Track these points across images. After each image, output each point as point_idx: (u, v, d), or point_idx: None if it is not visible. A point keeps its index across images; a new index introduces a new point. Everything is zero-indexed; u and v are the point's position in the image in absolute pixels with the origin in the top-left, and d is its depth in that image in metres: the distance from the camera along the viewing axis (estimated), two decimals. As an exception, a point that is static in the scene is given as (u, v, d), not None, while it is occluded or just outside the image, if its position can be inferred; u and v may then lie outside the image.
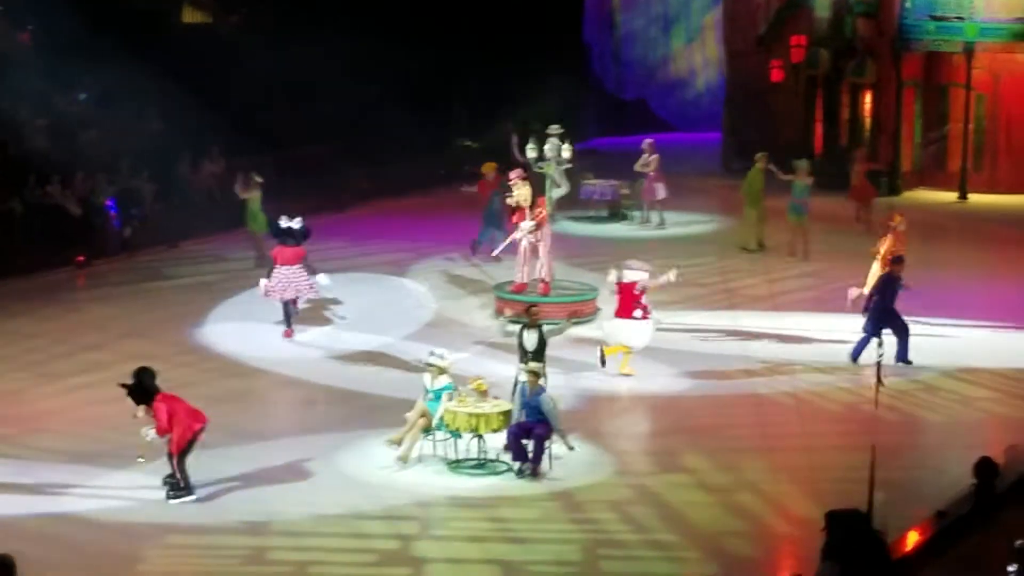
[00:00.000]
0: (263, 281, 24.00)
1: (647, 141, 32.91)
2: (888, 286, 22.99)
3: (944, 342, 24.29)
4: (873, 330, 22.30)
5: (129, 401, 17.07)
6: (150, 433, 16.98)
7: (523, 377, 18.58)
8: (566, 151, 25.36)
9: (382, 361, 22.96)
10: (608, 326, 22.53)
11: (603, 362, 22.09)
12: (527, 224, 24.95)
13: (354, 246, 31.16)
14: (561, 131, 25.32)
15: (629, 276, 22.28)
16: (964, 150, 36.06)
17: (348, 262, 29.45)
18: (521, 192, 25.01)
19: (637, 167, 32.69)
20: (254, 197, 28.75)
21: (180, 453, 16.98)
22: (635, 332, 22.17)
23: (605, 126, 41.40)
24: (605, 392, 21.76)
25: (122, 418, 17.91)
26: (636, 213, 33.19)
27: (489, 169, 29.85)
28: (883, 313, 22.72)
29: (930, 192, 36.14)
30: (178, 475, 17.05)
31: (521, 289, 25.02)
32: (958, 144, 36.33)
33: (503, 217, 28.94)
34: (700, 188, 34.15)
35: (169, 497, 17.07)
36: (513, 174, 25.52)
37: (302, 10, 35.78)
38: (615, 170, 34.08)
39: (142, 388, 17.04)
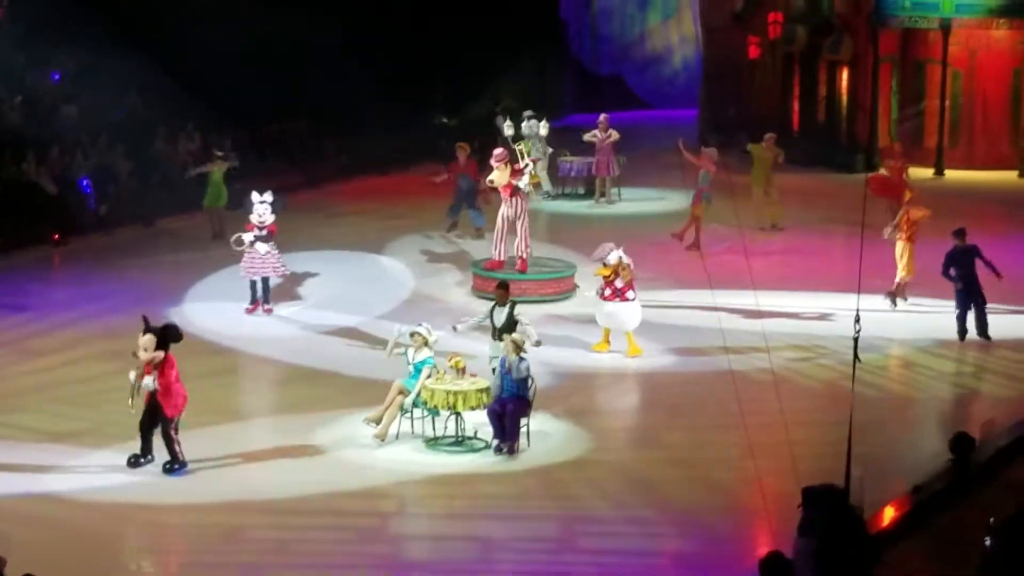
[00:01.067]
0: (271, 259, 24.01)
1: (603, 116, 32.87)
2: (957, 259, 23.01)
3: (922, 318, 24.35)
4: (964, 305, 22.72)
5: (142, 337, 16.95)
6: (151, 384, 16.96)
7: (502, 350, 18.56)
8: (543, 129, 25.37)
9: (359, 339, 22.93)
10: (607, 310, 22.32)
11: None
12: (496, 175, 24.90)
13: (330, 223, 31.10)
14: (536, 114, 25.33)
15: (611, 258, 22.22)
16: (941, 126, 36.12)
17: (324, 239, 29.40)
18: (500, 175, 24.96)
19: (586, 138, 32.57)
20: (217, 170, 28.86)
21: (174, 424, 17.04)
22: (632, 314, 22.17)
23: (582, 102, 41.32)
24: (583, 369, 21.76)
25: (101, 396, 17.86)
26: (615, 190, 33.17)
27: (461, 151, 29.74)
28: (968, 286, 22.80)
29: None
30: (177, 446, 17.09)
31: (496, 267, 24.98)
32: (934, 120, 36.39)
33: (474, 195, 28.97)
34: (675, 164, 34.01)
35: (166, 471, 17.08)
36: (496, 154, 25.42)
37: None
38: (590, 147, 34.00)
39: (164, 336, 17.06)
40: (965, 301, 22.94)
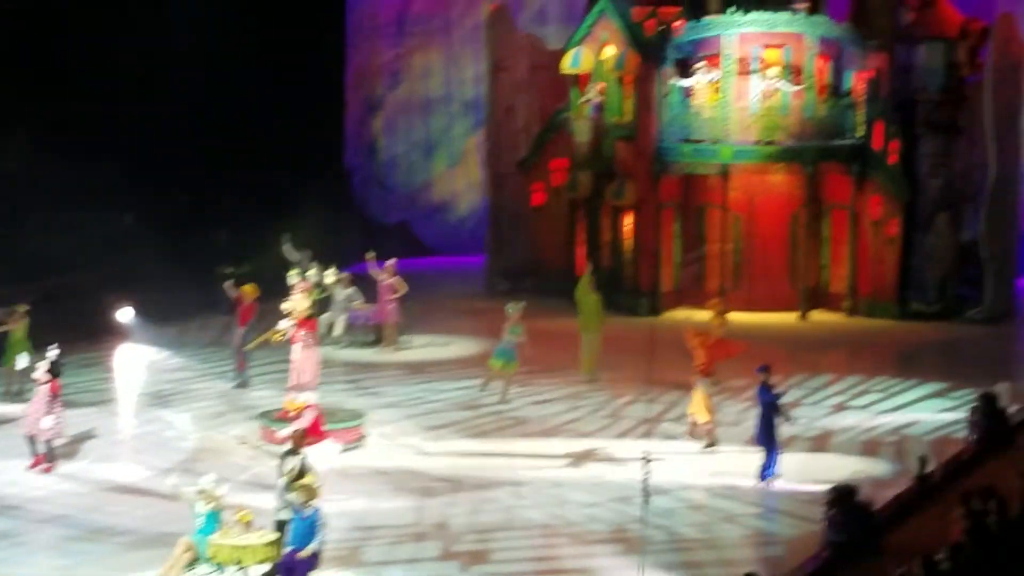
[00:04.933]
0: (49, 418, 23.42)
1: (391, 261, 32.97)
2: (764, 398, 23.40)
3: (709, 460, 24.56)
4: (767, 443, 23.01)
5: None
6: None
7: (297, 497, 18.28)
8: (331, 277, 25.37)
9: (144, 494, 22.40)
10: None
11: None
12: (285, 322, 24.72)
13: (113, 378, 30.51)
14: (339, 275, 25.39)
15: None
16: (722, 270, 36.74)
17: (106, 394, 28.81)
18: (300, 303, 24.79)
19: (370, 271, 32.67)
20: (18, 328, 28.12)
21: None
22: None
23: (368, 250, 41.24)
24: (372, 520, 21.53)
25: None
26: (406, 337, 33.07)
27: (248, 292, 29.44)
28: (767, 424, 23.17)
29: (690, 311, 36.66)
30: None
31: (285, 416, 24.66)
32: (716, 264, 37.02)
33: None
34: (464, 310, 34.22)
35: None
36: (301, 284, 25.20)
37: (62, 135, 35.11)
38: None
39: None
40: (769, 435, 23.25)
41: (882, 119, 36.18)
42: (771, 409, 23.39)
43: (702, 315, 27.98)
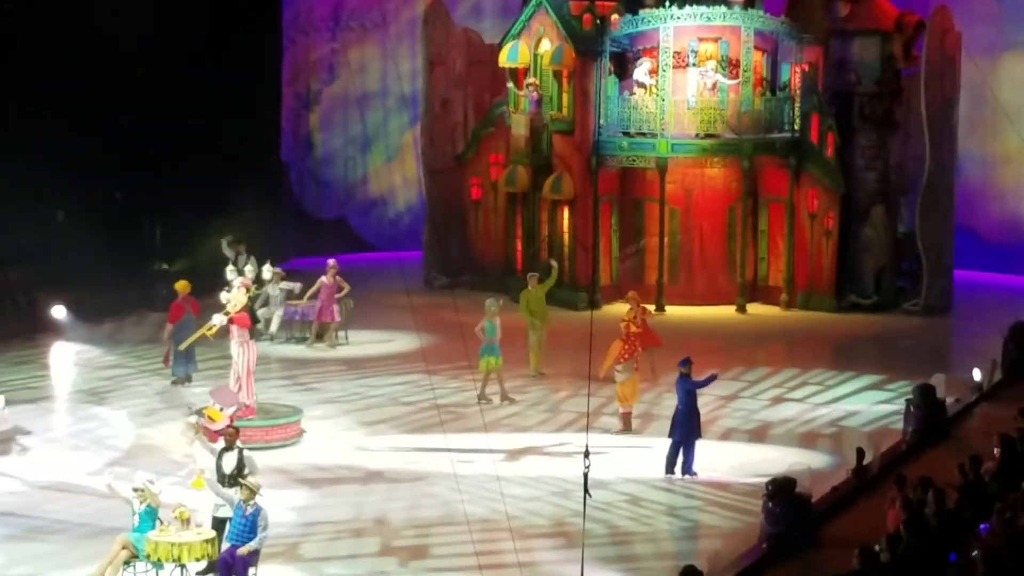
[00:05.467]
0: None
1: (331, 261, 32.82)
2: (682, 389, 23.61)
3: (649, 453, 24.59)
4: (682, 437, 23.23)
5: None
6: None
7: (240, 494, 18.19)
8: (267, 273, 25.28)
9: (79, 492, 22.22)
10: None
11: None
12: (219, 317, 24.59)
13: (47, 375, 30.26)
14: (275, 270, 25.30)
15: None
16: (660, 263, 36.79)
17: (40, 392, 28.57)
18: (237, 297, 24.65)
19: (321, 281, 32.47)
20: None
21: None
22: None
23: (304, 246, 41.10)
24: (311, 515, 21.44)
25: None
26: (339, 332, 32.91)
27: (182, 288, 29.21)
28: (684, 417, 23.34)
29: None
30: None
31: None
32: (654, 257, 37.06)
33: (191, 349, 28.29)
34: (402, 306, 34.07)
35: None
36: (240, 281, 25.05)
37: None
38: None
39: None
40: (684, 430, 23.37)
41: (818, 112, 36.33)
42: (691, 402, 23.48)
43: (624, 308, 28.05)
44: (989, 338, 29.98)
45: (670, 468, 23.48)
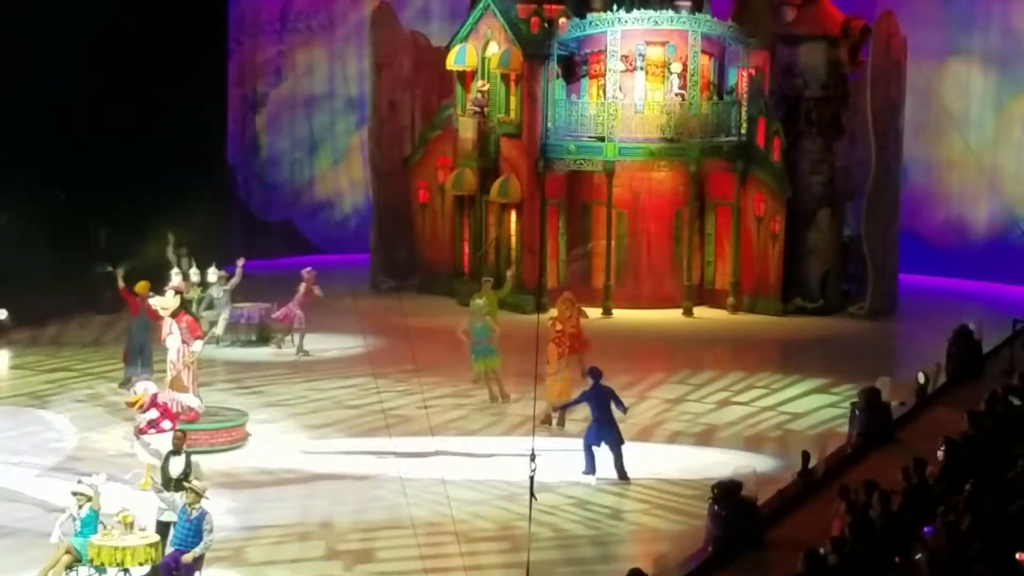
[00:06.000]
0: None
1: (307, 269, 32.69)
2: (597, 397, 23.74)
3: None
4: (614, 441, 23.38)
5: None
6: None
7: (185, 498, 18.09)
8: (212, 275, 25.22)
9: (23, 496, 22.05)
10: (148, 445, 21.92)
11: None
12: (198, 344, 24.56)
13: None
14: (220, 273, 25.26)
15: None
16: (607, 266, 36.82)
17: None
18: (167, 301, 24.53)
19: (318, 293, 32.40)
20: None
21: None
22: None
23: (251, 248, 40.92)
24: (256, 519, 21.34)
25: None
26: (287, 337, 32.75)
27: (142, 289, 28.91)
28: (599, 424, 23.46)
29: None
30: None
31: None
32: (601, 260, 37.08)
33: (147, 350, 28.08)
34: (348, 309, 34.00)
35: None
36: (174, 285, 24.94)
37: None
38: (262, 293, 33.65)
39: None
40: (597, 435, 23.51)
41: (765, 117, 36.47)
42: (603, 410, 23.65)
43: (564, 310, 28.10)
44: (933, 342, 30.12)
45: (623, 474, 23.46)
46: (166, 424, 21.92)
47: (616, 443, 23.55)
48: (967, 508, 16.89)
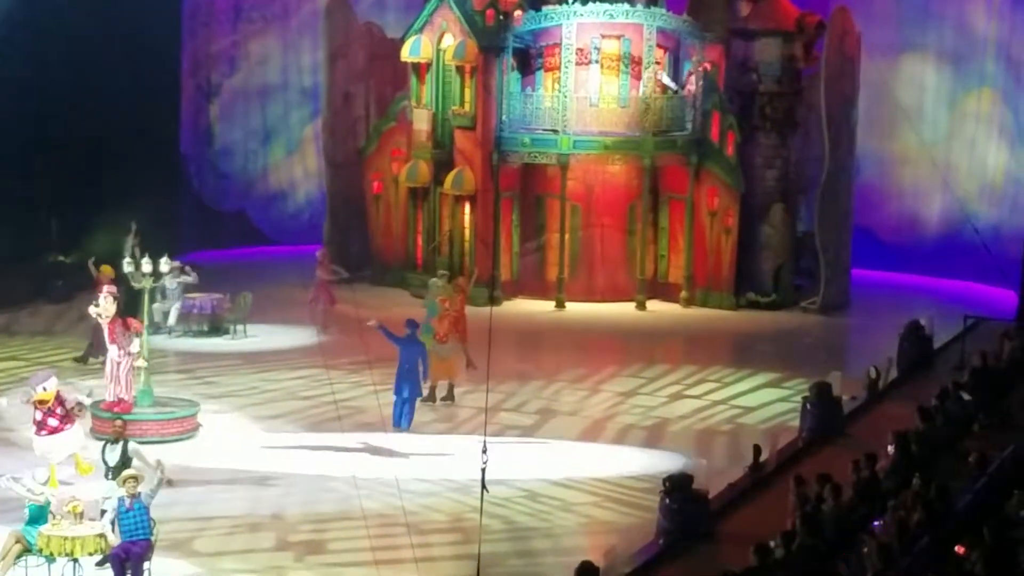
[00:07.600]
0: None
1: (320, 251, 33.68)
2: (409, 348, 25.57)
3: (546, 450, 24.64)
4: (412, 394, 25.32)
5: None
6: None
7: (121, 489, 18.01)
8: (165, 266, 25.18)
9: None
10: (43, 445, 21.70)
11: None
12: (136, 344, 24.44)
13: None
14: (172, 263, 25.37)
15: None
16: (561, 259, 36.83)
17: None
18: (107, 306, 24.38)
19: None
20: None
21: None
22: (68, 440, 21.63)
23: (204, 238, 40.77)
24: (206, 510, 21.27)
25: None
26: (238, 327, 32.66)
27: (106, 272, 28.69)
28: (409, 375, 25.32)
29: (529, 301, 36.71)
30: None
31: (112, 407, 24.25)
32: (555, 254, 37.09)
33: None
34: (301, 300, 33.92)
35: None
36: (106, 287, 24.82)
37: None
38: (214, 283, 33.52)
39: None
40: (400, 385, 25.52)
41: (719, 111, 36.55)
42: (412, 363, 25.32)
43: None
44: (885, 336, 30.22)
45: (399, 422, 25.08)
46: (52, 422, 21.59)
47: (414, 395, 25.36)
48: (915, 502, 16.97)
